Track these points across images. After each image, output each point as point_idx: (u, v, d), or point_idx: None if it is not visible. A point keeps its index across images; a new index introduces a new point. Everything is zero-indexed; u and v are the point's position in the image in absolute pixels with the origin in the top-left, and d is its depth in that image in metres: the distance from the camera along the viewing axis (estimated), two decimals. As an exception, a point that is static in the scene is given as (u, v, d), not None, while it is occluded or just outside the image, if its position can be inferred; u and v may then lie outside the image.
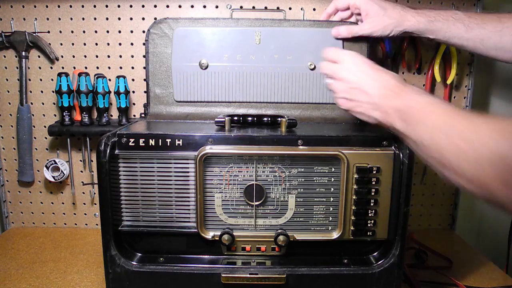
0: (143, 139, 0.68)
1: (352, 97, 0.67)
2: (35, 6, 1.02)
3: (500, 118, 0.45)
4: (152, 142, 0.68)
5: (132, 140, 0.68)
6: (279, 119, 0.74)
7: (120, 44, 1.04)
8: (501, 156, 0.42)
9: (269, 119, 0.76)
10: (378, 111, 0.64)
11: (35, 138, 1.09)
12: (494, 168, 0.42)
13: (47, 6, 1.02)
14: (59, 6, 1.02)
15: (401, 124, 0.59)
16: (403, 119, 0.58)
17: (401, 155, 0.68)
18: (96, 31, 1.04)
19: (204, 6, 1.03)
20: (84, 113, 1.00)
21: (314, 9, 1.04)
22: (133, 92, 1.07)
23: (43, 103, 1.07)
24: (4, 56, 1.05)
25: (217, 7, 1.03)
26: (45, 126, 1.07)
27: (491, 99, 1.20)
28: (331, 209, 0.71)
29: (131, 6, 1.03)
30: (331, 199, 0.71)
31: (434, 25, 0.80)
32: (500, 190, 0.42)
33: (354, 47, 0.86)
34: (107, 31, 1.04)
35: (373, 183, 0.69)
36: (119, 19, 1.03)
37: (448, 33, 0.80)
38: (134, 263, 0.72)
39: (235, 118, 0.75)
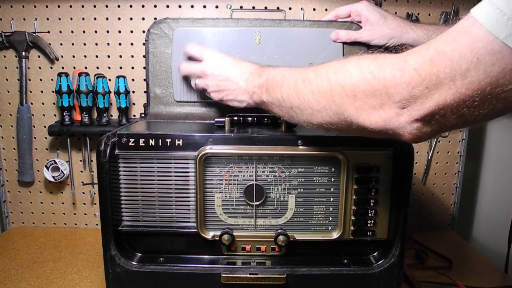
0: (143, 139, 0.68)
1: (222, 88, 0.73)
2: (35, 6, 1.02)
3: (338, 60, 0.55)
4: (152, 142, 0.68)
5: (132, 140, 0.68)
6: (279, 119, 0.74)
7: (120, 44, 1.04)
8: (340, 84, 0.52)
9: (269, 119, 0.76)
10: (246, 93, 0.70)
11: (35, 138, 1.09)
12: (345, 92, 0.51)
13: (47, 6, 1.02)
14: (59, 6, 1.02)
15: (266, 95, 0.65)
16: (267, 90, 0.65)
17: (401, 155, 0.68)
18: (96, 31, 1.04)
19: (204, 6, 1.03)
20: (84, 113, 1.00)
21: (314, 9, 1.04)
22: (133, 92, 1.07)
23: (43, 103, 1.07)
24: (4, 56, 1.05)
25: (217, 7, 1.03)
26: (45, 126, 1.08)
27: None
28: (331, 209, 0.71)
29: (131, 6, 1.03)
30: (331, 199, 0.71)
31: (432, 38, 0.81)
32: (352, 108, 0.51)
33: (354, 49, 0.86)
34: (107, 31, 1.04)
35: (373, 183, 0.69)
36: (119, 19, 1.03)
37: None
38: (134, 263, 0.71)
39: (235, 118, 0.75)
